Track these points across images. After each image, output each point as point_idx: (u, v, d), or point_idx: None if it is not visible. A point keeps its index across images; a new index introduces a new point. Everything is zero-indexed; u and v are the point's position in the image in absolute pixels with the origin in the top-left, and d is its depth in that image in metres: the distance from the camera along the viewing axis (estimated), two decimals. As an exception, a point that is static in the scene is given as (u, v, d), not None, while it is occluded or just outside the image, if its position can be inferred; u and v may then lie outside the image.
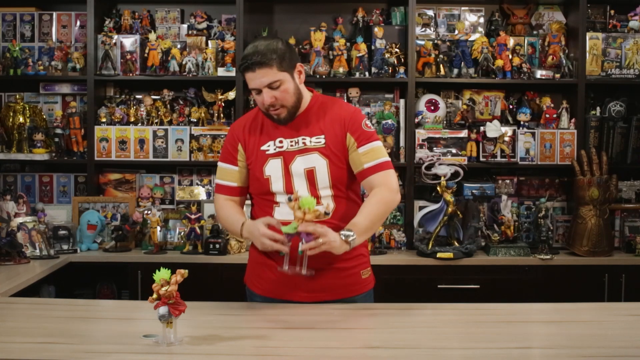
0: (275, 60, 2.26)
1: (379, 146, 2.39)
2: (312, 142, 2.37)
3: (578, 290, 3.66)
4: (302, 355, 1.95)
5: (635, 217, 4.03)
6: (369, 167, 2.35)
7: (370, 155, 2.36)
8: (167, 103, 4.16)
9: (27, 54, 4.14)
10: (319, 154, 2.36)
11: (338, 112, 2.40)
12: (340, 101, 2.52)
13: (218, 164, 2.51)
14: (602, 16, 4.21)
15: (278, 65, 2.27)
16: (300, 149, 2.37)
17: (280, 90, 2.29)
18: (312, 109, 2.41)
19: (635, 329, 2.19)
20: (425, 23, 4.21)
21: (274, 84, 2.28)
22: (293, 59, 2.34)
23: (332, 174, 2.36)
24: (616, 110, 4.10)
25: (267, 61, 2.25)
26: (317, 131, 2.38)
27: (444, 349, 1.98)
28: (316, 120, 2.39)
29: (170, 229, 3.95)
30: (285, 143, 2.38)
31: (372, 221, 2.31)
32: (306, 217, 2.13)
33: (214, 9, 4.28)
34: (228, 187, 2.47)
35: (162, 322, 1.95)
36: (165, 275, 1.95)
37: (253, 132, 2.43)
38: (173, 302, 1.94)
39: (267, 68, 2.26)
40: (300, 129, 2.39)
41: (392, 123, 4.03)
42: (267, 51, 2.26)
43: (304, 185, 2.35)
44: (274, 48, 2.27)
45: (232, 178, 2.46)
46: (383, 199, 2.33)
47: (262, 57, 2.25)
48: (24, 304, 2.56)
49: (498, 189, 4.12)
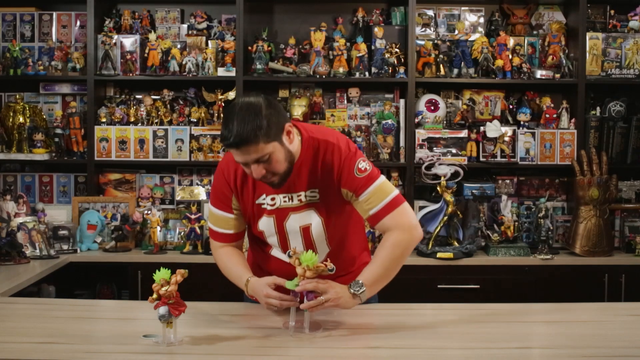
0: (261, 136, 1.99)
1: (379, 186, 2.17)
2: (307, 197, 2.19)
3: (578, 290, 3.67)
4: (302, 355, 1.95)
5: (635, 217, 4.03)
6: (375, 213, 2.16)
7: (372, 201, 2.16)
8: (167, 103, 4.16)
9: (27, 54, 4.14)
10: (314, 210, 2.20)
11: (330, 162, 2.15)
12: (334, 144, 2.18)
13: (210, 208, 2.30)
14: (602, 16, 4.21)
15: (265, 139, 2.00)
16: (295, 206, 2.20)
17: (270, 162, 2.05)
18: (304, 159, 2.16)
19: (635, 329, 2.19)
20: (425, 23, 4.21)
21: (262, 157, 2.03)
22: (280, 123, 2.05)
23: (328, 230, 2.24)
24: (616, 110, 4.10)
25: (252, 139, 1.98)
26: (311, 184, 2.18)
27: (444, 349, 1.98)
28: (309, 172, 2.17)
29: (170, 229, 3.95)
30: (278, 199, 2.20)
31: (387, 268, 2.15)
32: (307, 274, 2.02)
33: (214, 9, 4.28)
34: (224, 235, 2.30)
35: (162, 322, 1.95)
36: (165, 275, 1.95)
37: (245, 183, 2.22)
38: (173, 302, 1.94)
39: (254, 144, 1.99)
40: (293, 184, 2.17)
41: (392, 123, 4.03)
42: (250, 128, 1.97)
43: (299, 241, 2.24)
44: (257, 122, 1.98)
45: (227, 226, 2.28)
46: (396, 241, 2.15)
47: (246, 136, 1.97)
48: (24, 304, 2.56)
49: (498, 189, 4.12)
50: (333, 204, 2.21)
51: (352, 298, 2.10)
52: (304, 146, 2.16)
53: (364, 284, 2.11)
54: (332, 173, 2.16)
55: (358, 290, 2.09)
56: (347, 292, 2.09)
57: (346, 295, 2.08)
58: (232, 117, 2.00)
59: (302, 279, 2.03)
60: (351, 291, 2.09)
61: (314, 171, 2.17)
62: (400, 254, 2.17)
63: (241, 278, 2.23)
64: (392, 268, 2.17)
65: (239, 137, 1.98)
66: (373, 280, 2.13)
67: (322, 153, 2.17)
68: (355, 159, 2.17)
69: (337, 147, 2.17)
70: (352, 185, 2.16)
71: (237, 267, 2.27)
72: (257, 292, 2.16)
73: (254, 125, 1.98)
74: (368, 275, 2.13)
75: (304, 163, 2.16)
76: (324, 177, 2.17)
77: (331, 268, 2.04)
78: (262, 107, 2.01)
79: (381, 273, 2.15)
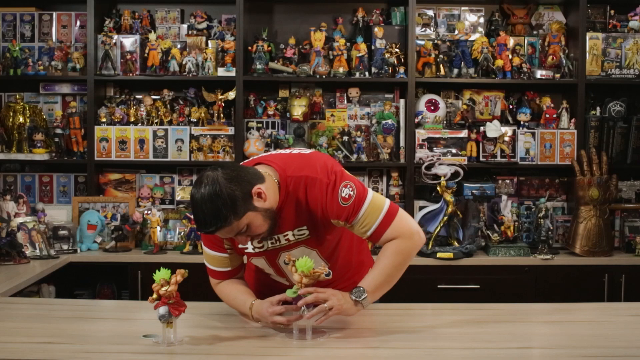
0: (230, 218, 1.96)
1: (369, 205, 2.09)
2: (295, 235, 2.13)
3: (578, 290, 3.67)
4: (302, 355, 1.95)
5: (635, 217, 4.03)
6: (375, 231, 2.11)
7: (368, 222, 2.09)
8: (167, 103, 4.16)
9: (27, 54, 4.14)
10: (305, 246, 2.16)
11: (313, 197, 2.07)
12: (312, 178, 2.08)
13: (204, 248, 2.26)
14: (602, 16, 4.21)
15: (235, 217, 1.97)
16: (284, 246, 2.15)
17: (250, 230, 2.03)
18: (285, 201, 2.08)
19: (635, 329, 2.19)
20: (425, 23, 4.21)
21: (241, 230, 2.02)
22: (245, 194, 1.98)
23: (324, 255, 2.21)
24: (616, 110, 4.10)
25: (222, 224, 1.96)
26: (298, 223, 2.12)
27: (444, 349, 1.98)
28: (294, 212, 2.10)
29: (170, 229, 3.95)
30: (265, 243, 2.16)
31: (389, 274, 2.12)
32: (304, 280, 2.00)
33: (214, 9, 4.28)
34: (221, 273, 2.27)
35: (162, 322, 1.95)
36: (165, 275, 1.95)
37: None
38: (173, 302, 1.94)
39: (226, 227, 1.98)
40: (280, 226, 2.11)
41: (392, 123, 4.03)
42: (217, 216, 1.95)
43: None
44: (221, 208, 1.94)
45: (223, 264, 2.25)
46: (398, 248, 2.12)
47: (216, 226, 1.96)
48: (24, 304, 2.56)
49: (498, 189, 4.12)
50: (324, 234, 2.17)
51: (355, 305, 2.08)
52: (283, 188, 2.08)
53: (365, 290, 2.09)
54: (317, 209, 2.09)
55: (360, 297, 2.08)
56: (349, 299, 2.07)
57: (348, 302, 2.07)
58: (197, 210, 1.98)
59: (300, 286, 2.02)
60: (353, 298, 2.08)
61: (299, 210, 2.10)
62: (402, 261, 2.15)
63: (245, 304, 2.18)
64: (393, 275, 2.15)
65: (210, 227, 1.97)
66: (375, 287, 2.11)
67: (304, 189, 2.09)
68: (336, 189, 2.07)
69: (318, 181, 2.08)
70: (341, 216, 2.09)
71: (240, 295, 2.22)
72: (261, 313, 2.10)
73: (220, 212, 1.95)
74: (370, 282, 2.11)
75: (285, 205, 2.09)
76: (310, 213, 2.10)
77: (327, 273, 2.02)
78: (221, 188, 1.95)
79: (382, 280, 2.13)
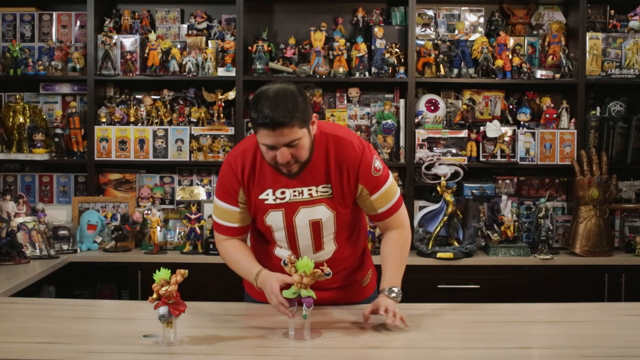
0: (297, 118, 2.03)
1: (389, 187, 2.27)
2: (319, 192, 2.21)
3: (578, 290, 3.67)
4: (302, 355, 1.95)
5: (635, 217, 4.03)
6: (383, 212, 2.29)
7: (382, 201, 2.27)
8: (167, 103, 4.16)
9: (27, 54, 4.14)
10: (325, 206, 2.23)
11: (347, 160, 2.20)
12: (346, 139, 2.22)
13: (216, 201, 2.29)
14: (602, 16, 4.21)
15: (299, 123, 2.05)
16: (305, 200, 2.21)
17: (297, 148, 2.08)
18: (318, 154, 2.19)
19: (635, 329, 2.20)
20: (425, 23, 4.21)
21: (292, 142, 2.06)
22: (310, 111, 2.12)
23: (338, 224, 2.27)
24: (616, 110, 4.10)
25: (290, 121, 2.02)
26: (324, 179, 2.21)
27: (444, 349, 1.98)
28: (322, 167, 2.20)
29: (170, 229, 3.95)
30: (287, 194, 2.21)
31: (403, 265, 2.32)
32: (304, 280, 2.01)
33: (214, 9, 4.28)
34: (229, 228, 2.30)
35: (162, 322, 1.95)
36: (165, 275, 1.95)
37: (252, 177, 2.22)
38: (173, 302, 1.94)
39: (289, 127, 2.03)
40: (305, 178, 2.19)
41: (392, 123, 4.03)
42: (288, 109, 2.02)
43: (307, 236, 2.26)
44: (294, 106, 2.03)
45: (233, 219, 2.28)
46: (405, 241, 2.34)
47: (284, 117, 2.01)
48: (24, 304, 2.56)
49: (498, 189, 4.12)
50: (345, 200, 2.24)
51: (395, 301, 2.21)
52: (317, 141, 2.19)
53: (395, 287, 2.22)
54: (349, 169, 2.20)
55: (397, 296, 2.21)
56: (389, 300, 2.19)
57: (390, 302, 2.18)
58: (268, 99, 2.04)
59: (299, 287, 2.02)
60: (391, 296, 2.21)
61: (327, 167, 2.20)
62: (407, 251, 2.37)
63: (251, 270, 2.21)
64: (405, 264, 2.33)
65: (276, 119, 2.01)
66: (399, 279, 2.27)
67: (334, 149, 2.20)
68: (371, 157, 2.23)
69: (350, 143, 2.21)
70: (369, 183, 2.23)
71: (247, 260, 2.27)
72: (264, 286, 2.14)
73: (291, 109, 2.03)
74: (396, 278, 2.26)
75: (316, 158, 2.18)
76: (338, 172, 2.20)
77: (327, 272, 2.03)
78: (296, 93, 2.07)
79: (401, 271, 2.30)
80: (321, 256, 2.29)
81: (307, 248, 2.29)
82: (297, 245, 2.28)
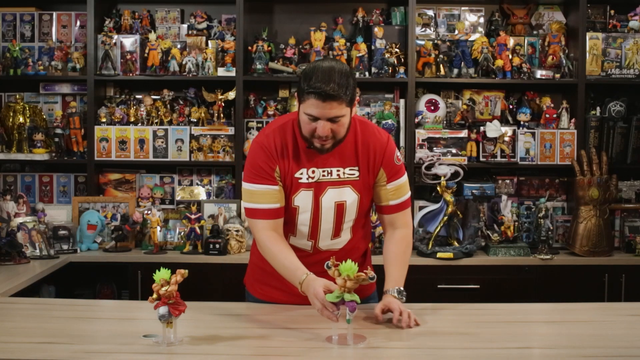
0: (347, 96, 2.09)
1: (405, 182, 2.34)
2: (346, 174, 2.26)
3: (578, 290, 3.66)
4: (302, 355, 1.95)
5: (635, 217, 4.03)
6: (394, 205, 2.34)
7: (397, 193, 2.32)
8: (167, 103, 4.16)
9: (27, 54, 4.14)
10: (351, 188, 2.27)
11: (373, 143, 2.27)
12: (373, 125, 2.34)
13: (249, 187, 2.25)
14: (602, 16, 4.21)
15: (347, 101, 2.10)
16: (333, 181, 2.25)
17: (339, 124, 2.13)
18: (349, 136, 2.23)
19: (635, 329, 2.19)
20: (425, 23, 4.21)
21: (337, 117, 2.10)
22: (355, 93, 2.16)
23: (360, 208, 2.31)
24: (616, 110, 4.10)
25: (342, 96, 2.07)
26: (352, 162, 2.26)
27: (444, 349, 1.98)
28: (351, 149, 2.25)
29: (170, 229, 3.95)
30: (317, 173, 2.24)
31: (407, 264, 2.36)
32: (348, 284, 1.97)
33: (214, 9, 4.28)
34: (270, 211, 2.23)
35: (162, 322, 1.95)
36: (165, 275, 1.95)
37: (286, 156, 2.24)
38: (173, 302, 1.94)
39: (338, 102, 2.07)
40: (334, 158, 2.24)
41: (392, 123, 4.03)
42: (344, 84, 2.07)
43: (330, 219, 2.28)
44: (349, 83, 2.09)
45: (273, 199, 2.23)
46: (409, 241, 2.38)
47: (337, 90, 2.06)
48: (24, 304, 2.56)
49: (498, 189, 4.12)
50: (369, 184, 2.30)
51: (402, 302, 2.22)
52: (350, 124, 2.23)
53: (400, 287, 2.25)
54: (375, 154, 2.26)
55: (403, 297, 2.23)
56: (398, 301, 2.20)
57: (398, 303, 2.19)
58: (324, 73, 2.08)
59: (343, 290, 1.99)
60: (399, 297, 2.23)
61: (356, 149, 2.26)
62: (410, 253, 2.41)
63: (296, 274, 2.15)
64: (407, 266, 2.37)
65: (328, 91, 2.05)
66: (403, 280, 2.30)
67: (362, 134, 2.27)
68: (393, 147, 2.32)
69: (377, 130, 2.32)
70: (390, 170, 2.29)
71: (291, 261, 2.19)
72: (309, 289, 2.09)
73: (344, 85, 2.08)
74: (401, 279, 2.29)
75: (347, 140, 2.23)
76: (365, 156, 2.26)
77: (372, 276, 2.00)
78: (349, 72, 2.13)
79: (405, 273, 2.33)
80: (336, 244, 2.33)
81: (327, 232, 2.30)
82: (319, 228, 2.29)
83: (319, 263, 2.22)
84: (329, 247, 2.34)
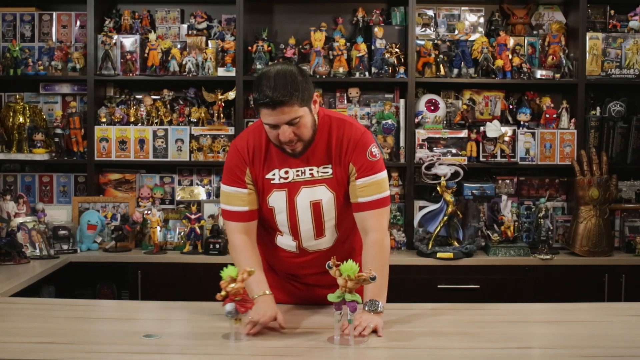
0: (296, 97, 2.08)
1: (379, 180, 2.24)
2: (320, 172, 2.25)
3: (578, 290, 3.66)
4: (302, 355, 1.95)
5: (635, 217, 4.03)
6: (363, 203, 2.24)
7: (367, 190, 2.23)
8: (167, 103, 4.16)
9: (27, 54, 4.14)
10: (325, 186, 2.25)
11: (347, 137, 2.24)
12: (350, 122, 2.29)
13: (223, 188, 2.31)
14: (602, 16, 4.21)
15: (299, 102, 2.09)
16: (307, 180, 2.25)
17: (299, 126, 2.12)
18: (321, 134, 2.23)
19: (635, 329, 2.20)
20: (425, 23, 4.21)
21: (294, 120, 2.10)
22: (310, 90, 2.16)
23: (338, 206, 2.28)
24: (616, 110, 4.10)
25: (289, 99, 2.07)
26: (325, 160, 2.25)
27: (444, 349, 1.98)
28: (323, 147, 2.24)
29: (170, 229, 3.95)
30: (290, 173, 2.25)
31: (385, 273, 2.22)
32: (348, 284, 1.97)
33: (214, 9, 4.28)
34: (240, 213, 2.28)
35: (229, 318, 1.98)
36: (232, 273, 1.98)
37: (258, 158, 2.26)
38: (240, 299, 1.97)
39: (289, 106, 2.08)
40: (307, 158, 2.23)
41: (392, 123, 4.03)
42: (287, 88, 2.07)
43: (308, 219, 2.27)
44: (294, 85, 2.08)
45: (242, 202, 2.27)
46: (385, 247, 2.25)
47: (283, 96, 2.06)
48: (24, 304, 2.56)
49: (498, 189, 4.12)
50: (343, 180, 2.26)
51: (377, 315, 2.14)
52: (320, 122, 2.24)
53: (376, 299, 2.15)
54: (348, 147, 2.23)
55: (377, 308, 2.14)
56: (370, 315, 2.12)
57: (371, 317, 2.11)
58: (268, 80, 2.09)
59: (344, 290, 1.98)
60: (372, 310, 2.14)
61: (328, 147, 2.24)
62: (388, 257, 2.27)
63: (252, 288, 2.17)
64: (387, 271, 2.24)
65: (275, 98, 2.06)
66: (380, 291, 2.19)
67: (336, 130, 2.24)
68: (370, 141, 2.26)
69: (353, 126, 2.27)
70: (359, 164, 2.23)
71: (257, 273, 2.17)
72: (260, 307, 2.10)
73: (291, 88, 2.08)
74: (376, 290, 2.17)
75: (319, 138, 2.23)
76: (337, 152, 2.24)
77: (373, 276, 1.99)
78: (296, 73, 2.12)
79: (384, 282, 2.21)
80: (322, 243, 2.31)
81: (308, 233, 2.29)
82: (299, 229, 2.28)
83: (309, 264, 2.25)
84: (316, 248, 2.31)
